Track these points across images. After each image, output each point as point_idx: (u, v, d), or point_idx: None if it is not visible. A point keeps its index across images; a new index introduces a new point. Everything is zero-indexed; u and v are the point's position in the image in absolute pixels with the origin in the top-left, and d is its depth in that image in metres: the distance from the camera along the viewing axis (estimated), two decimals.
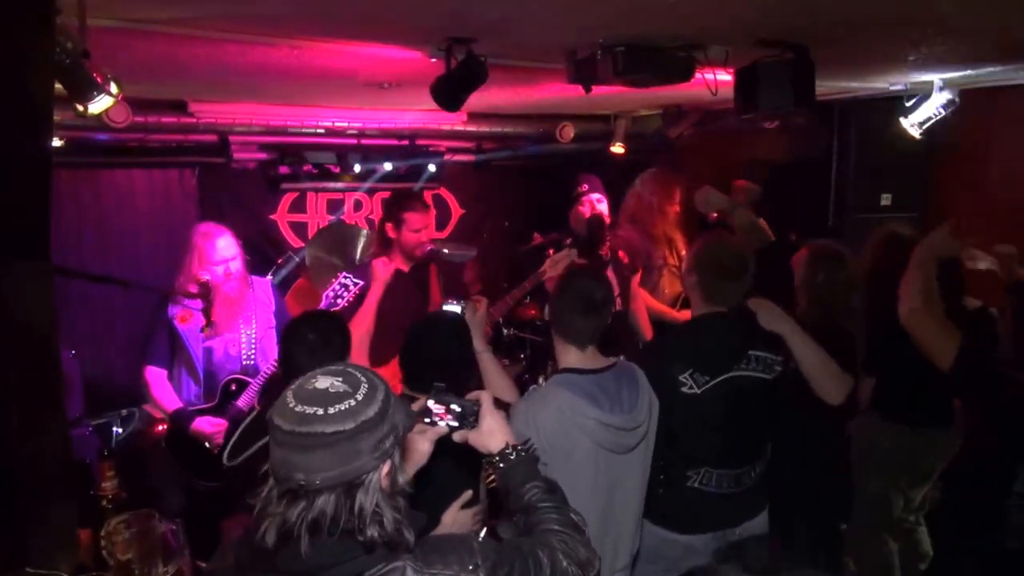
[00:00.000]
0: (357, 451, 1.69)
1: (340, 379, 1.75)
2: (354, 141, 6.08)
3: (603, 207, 5.17)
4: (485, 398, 2.27)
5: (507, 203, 7.36)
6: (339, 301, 4.35)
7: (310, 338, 2.93)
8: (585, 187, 5.16)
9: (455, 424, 2.24)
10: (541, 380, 2.91)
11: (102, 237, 5.84)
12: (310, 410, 1.68)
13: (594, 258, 4.94)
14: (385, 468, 1.75)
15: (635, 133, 6.69)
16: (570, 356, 2.95)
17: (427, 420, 2.22)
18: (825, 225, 5.96)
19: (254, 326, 4.50)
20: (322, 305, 4.40)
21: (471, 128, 6.28)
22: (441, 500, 2.62)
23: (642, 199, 5.41)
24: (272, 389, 4.57)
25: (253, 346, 4.46)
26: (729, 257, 3.38)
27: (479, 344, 3.22)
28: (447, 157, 6.61)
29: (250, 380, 4.34)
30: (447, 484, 2.69)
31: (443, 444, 2.29)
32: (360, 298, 4.30)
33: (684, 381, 3.23)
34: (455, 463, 2.60)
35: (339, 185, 6.48)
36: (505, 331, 5.46)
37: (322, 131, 5.85)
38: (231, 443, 2.97)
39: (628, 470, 2.96)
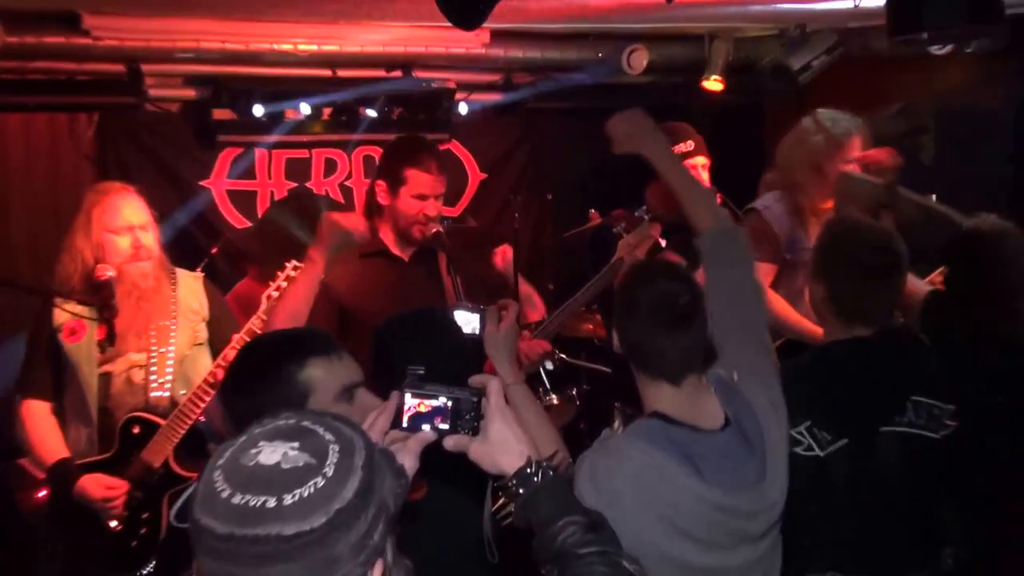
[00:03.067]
0: (333, 559, 1.60)
1: (296, 444, 1.65)
2: (326, 72, 6.05)
3: (706, 175, 5.12)
4: (493, 387, 2.25)
5: (548, 165, 7.35)
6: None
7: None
8: (691, 144, 5.07)
9: (445, 427, 2.20)
10: (617, 425, 2.85)
11: None
12: (256, 501, 1.58)
13: (687, 248, 4.91)
14: (376, 572, 1.68)
15: (740, 63, 6.69)
16: (662, 397, 2.89)
17: (404, 425, 2.19)
18: (1009, 194, 6.02)
19: (173, 341, 4.50)
20: (261, 309, 4.37)
21: (495, 53, 6.25)
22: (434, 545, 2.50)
23: (796, 151, 5.21)
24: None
25: (169, 370, 4.46)
26: (870, 249, 3.36)
27: (507, 373, 3.13)
28: (460, 96, 6.60)
29: (159, 420, 4.37)
30: (439, 523, 2.62)
31: (433, 459, 2.21)
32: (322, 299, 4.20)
33: (799, 438, 3.22)
34: (450, 488, 2.53)
35: (303, 138, 6.48)
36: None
37: (278, 57, 5.84)
38: (180, 502, 2.96)
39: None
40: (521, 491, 2.19)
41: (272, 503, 1.57)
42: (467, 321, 3.21)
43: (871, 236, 3.40)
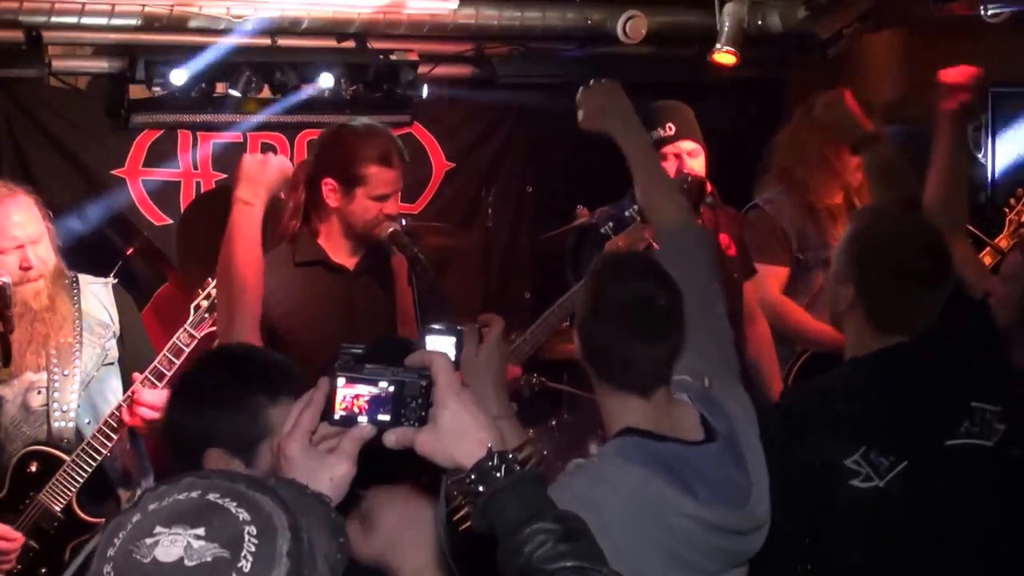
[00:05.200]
0: None
1: (201, 531, 1.56)
2: (264, 41, 6.08)
3: (699, 163, 5.20)
4: (439, 364, 2.17)
5: (528, 152, 7.36)
6: (216, 314, 4.35)
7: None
8: (671, 128, 5.19)
9: (387, 418, 2.11)
10: (593, 448, 2.97)
11: None
12: None
13: None
14: None
15: (757, 31, 6.69)
16: (628, 410, 2.93)
17: (335, 419, 2.12)
18: None
19: (77, 360, 4.50)
20: (188, 321, 4.37)
21: (465, 18, 6.29)
22: None
23: (803, 142, 5.42)
24: None
25: (73, 395, 4.48)
26: (918, 252, 3.39)
27: (491, 405, 2.97)
28: (424, 70, 6.62)
29: (61, 456, 4.36)
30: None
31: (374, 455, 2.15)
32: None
33: (856, 468, 3.24)
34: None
35: (236, 119, 6.49)
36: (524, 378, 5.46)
37: (207, 23, 5.87)
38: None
39: None
40: (481, 490, 2.07)
41: None
42: (438, 346, 3.18)
43: (917, 236, 3.43)
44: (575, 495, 2.65)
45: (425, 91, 6.65)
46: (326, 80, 6.31)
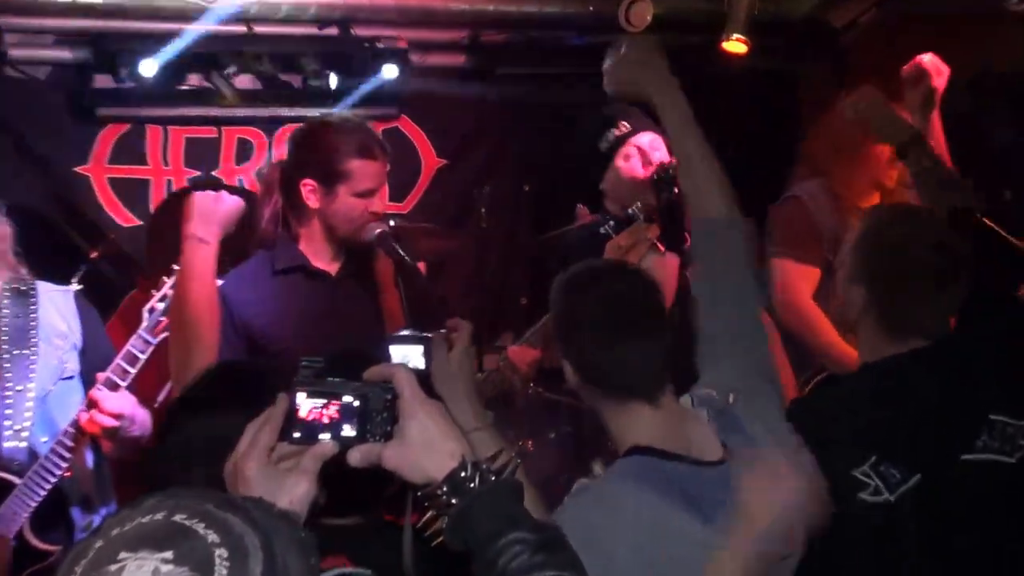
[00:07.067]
0: None
1: (169, 554, 1.55)
2: (240, 28, 5.96)
3: (663, 154, 5.11)
4: (401, 376, 2.22)
5: (525, 148, 7.27)
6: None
7: None
8: (624, 127, 5.28)
9: (351, 434, 2.14)
10: (596, 467, 3.06)
11: None
12: None
13: (676, 247, 4.87)
14: None
15: (769, 18, 6.58)
16: (638, 423, 2.94)
17: (295, 436, 2.15)
18: None
19: (32, 374, 4.39)
20: (143, 326, 4.27)
21: (458, 4, 6.21)
22: None
23: (837, 132, 5.31)
24: None
25: (26, 410, 4.35)
26: (933, 248, 3.40)
27: (466, 417, 2.97)
28: (414, 59, 6.51)
29: (12, 479, 4.25)
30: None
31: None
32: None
33: (864, 479, 3.24)
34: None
35: (210, 112, 6.43)
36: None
37: (179, 9, 5.75)
38: None
39: None
40: (454, 501, 2.12)
41: None
42: (406, 355, 3.03)
43: (931, 232, 3.46)
44: (576, 519, 2.68)
45: (414, 82, 6.59)
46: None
